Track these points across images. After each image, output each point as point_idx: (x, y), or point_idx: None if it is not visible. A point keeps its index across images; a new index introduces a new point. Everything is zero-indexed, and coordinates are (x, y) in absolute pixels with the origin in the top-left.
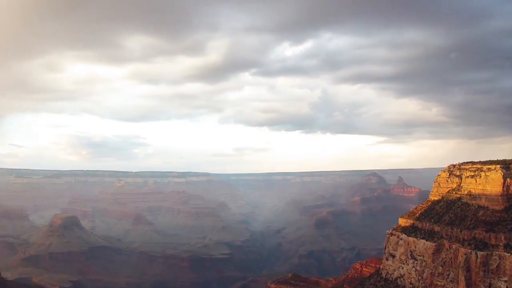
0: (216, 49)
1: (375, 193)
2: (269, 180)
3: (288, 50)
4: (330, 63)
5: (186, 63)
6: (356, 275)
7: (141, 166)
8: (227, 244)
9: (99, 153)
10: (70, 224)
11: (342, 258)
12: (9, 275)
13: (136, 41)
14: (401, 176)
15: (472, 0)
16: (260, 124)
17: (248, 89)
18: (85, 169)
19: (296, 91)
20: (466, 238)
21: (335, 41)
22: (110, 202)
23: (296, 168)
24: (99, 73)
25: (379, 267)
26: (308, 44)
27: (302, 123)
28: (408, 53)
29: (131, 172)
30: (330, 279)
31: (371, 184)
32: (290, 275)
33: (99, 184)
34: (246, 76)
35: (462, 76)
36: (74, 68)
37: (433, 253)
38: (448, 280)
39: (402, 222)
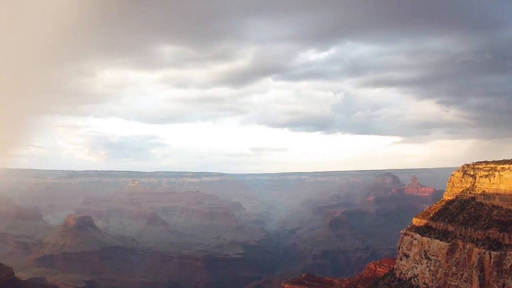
0: (243, 56)
1: (389, 192)
2: (283, 180)
3: (313, 56)
4: (353, 69)
5: (214, 69)
6: (370, 275)
7: (159, 166)
8: (241, 244)
9: (117, 153)
10: (84, 224)
11: (356, 258)
12: (23, 275)
13: (168, 50)
14: (416, 176)
15: (488, 11)
16: (282, 125)
17: (272, 92)
18: (99, 169)
19: (319, 94)
20: (480, 238)
21: (359, 48)
22: (124, 202)
23: (313, 168)
24: (131, 78)
25: (393, 267)
26: (332, 51)
27: (323, 124)
28: (428, 60)
29: (145, 172)
30: (344, 279)
31: (385, 184)
32: (304, 275)
33: (114, 184)
34: (271, 80)
35: (478, 79)
36: (108, 74)
37: (447, 253)
38: (461, 280)
39: (416, 222)
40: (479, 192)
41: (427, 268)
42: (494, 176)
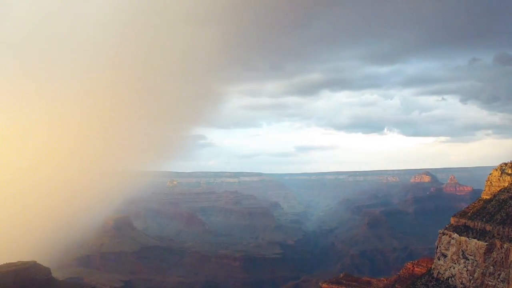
0: (313, 71)
1: (428, 192)
2: (321, 180)
3: (374, 70)
4: (411, 80)
5: (287, 82)
6: (407, 275)
7: (198, 166)
8: (279, 243)
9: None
10: (122, 225)
11: (394, 257)
12: (60, 275)
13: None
14: (454, 175)
15: None
16: (340, 127)
17: (336, 100)
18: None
19: (379, 102)
20: None
21: (416, 64)
22: (162, 202)
23: (355, 167)
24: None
25: (431, 267)
26: (394, 67)
27: (379, 127)
28: (481, 73)
29: (184, 172)
30: (382, 279)
31: (423, 183)
32: (341, 274)
33: (152, 184)
34: (336, 90)
35: None
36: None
37: (484, 253)
38: (499, 280)
39: (454, 221)
40: None
41: (465, 268)
42: None
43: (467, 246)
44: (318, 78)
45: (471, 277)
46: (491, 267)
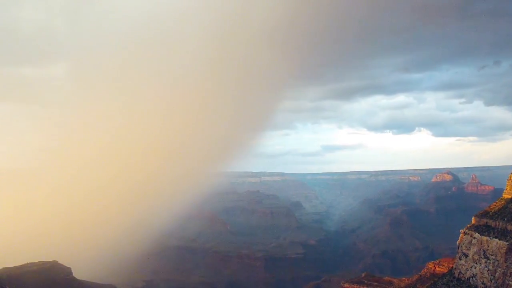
0: (349, 78)
1: (449, 191)
2: (343, 180)
3: (408, 77)
4: (441, 85)
5: (325, 88)
6: (429, 275)
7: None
8: (301, 243)
9: None
10: (144, 225)
11: (415, 257)
12: (81, 275)
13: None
14: (476, 174)
15: None
16: (371, 128)
17: (370, 104)
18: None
19: (410, 105)
20: None
21: (451, 70)
22: (184, 202)
23: (379, 167)
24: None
25: (452, 267)
26: (427, 73)
27: (410, 128)
28: (505, 78)
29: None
30: (403, 278)
31: (445, 182)
32: (363, 274)
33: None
34: (371, 94)
35: None
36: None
37: (505, 253)
38: None
39: (475, 220)
40: None
41: (486, 268)
42: None
43: (488, 245)
44: (353, 84)
45: (492, 277)
46: None
